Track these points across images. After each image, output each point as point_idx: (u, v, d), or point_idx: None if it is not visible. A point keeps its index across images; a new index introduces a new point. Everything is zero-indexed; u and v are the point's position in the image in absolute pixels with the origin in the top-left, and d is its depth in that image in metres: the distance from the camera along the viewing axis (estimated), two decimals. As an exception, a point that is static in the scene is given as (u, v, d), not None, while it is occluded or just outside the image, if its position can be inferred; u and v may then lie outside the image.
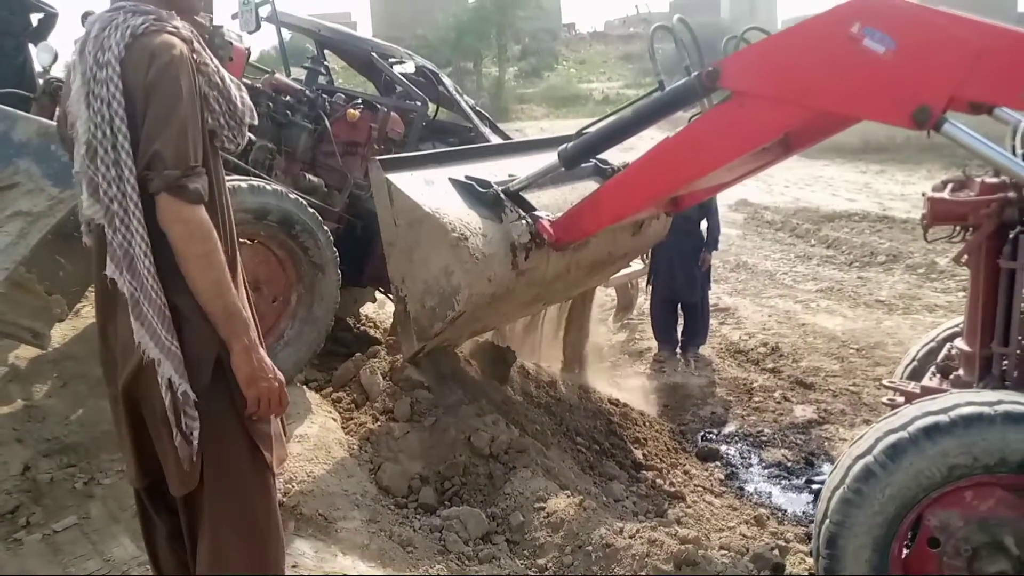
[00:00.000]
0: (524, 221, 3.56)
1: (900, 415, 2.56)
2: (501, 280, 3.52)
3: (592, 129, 3.48)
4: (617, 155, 4.09)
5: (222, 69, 1.94)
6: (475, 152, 4.03)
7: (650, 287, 6.49)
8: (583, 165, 3.85)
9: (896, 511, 2.47)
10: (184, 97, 1.79)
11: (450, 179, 3.60)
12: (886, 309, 7.63)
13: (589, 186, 4.01)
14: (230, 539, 2.00)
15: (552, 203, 3.81)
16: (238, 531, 2.00)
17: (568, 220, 3.55)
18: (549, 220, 3.56)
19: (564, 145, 3.54)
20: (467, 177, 3.63)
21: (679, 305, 6.42)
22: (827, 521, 2.55)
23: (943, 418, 2.42)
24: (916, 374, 3.66)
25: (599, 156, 3.91)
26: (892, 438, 2.47)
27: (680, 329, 6.48)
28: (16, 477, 3.23)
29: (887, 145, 16.97)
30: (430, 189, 3.49)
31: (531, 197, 3.70)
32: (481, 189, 3.58)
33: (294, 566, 2.86)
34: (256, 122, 2.10)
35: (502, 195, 3.57)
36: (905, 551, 2.60)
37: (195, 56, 1.86)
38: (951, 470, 2.42)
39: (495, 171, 3.83)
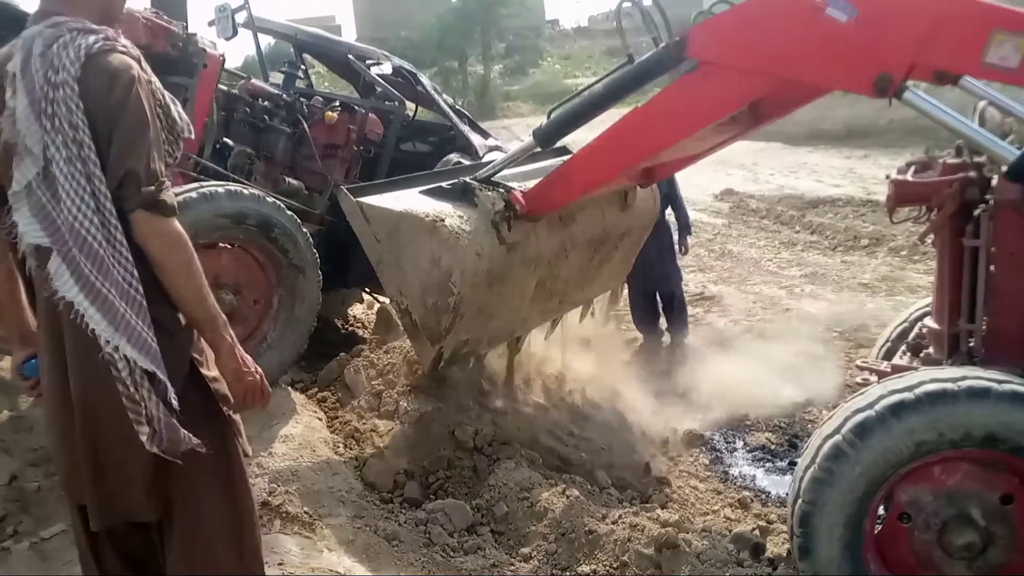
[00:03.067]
0: (497, 191, 3.58)
1: (867, 394, 2.62)
2: (491, 254, 3.50)
3: (564, 107, 3.48)
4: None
5: (160, 85, 1.97)
6: (441, 175, 4.06)
7: (626, 280, 6.50)
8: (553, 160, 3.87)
9: (866, 488, 2.53)
10: (149, 116, 1.84)
11: (419, 191, 3.64)
12: (869, 292, 7.69)
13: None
14: (214, 543, 2.04)
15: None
16: (224, 534, 2.04)
17: (539, 190, 3.56)
18: (521, 192, 3.58)
19: (539, 125, 3.56)
20: (434, 188, 3.67)
21: (658, 296, 6.45)
22: (800, 501, 2.60)
23: (908, 396, 2.48)
24: (890, 354, 3.72)
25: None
26: (859, 417, 2.53)
27: (663, 321, 6.51)
28: (4, 487, 3.25)
29: (870, 130, 17.01)
30: (399, 198, 3.54)
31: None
32: (447, 186, 3.61)
33: (280, 563, 2.90)
34: (192, 136, 2.14)
35: (471, 181, 3.60)
36: (877, 527, 2.66)
37: (145, 74, 1.89)
38: (918, 446, 2.47)
39: None
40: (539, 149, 3.59)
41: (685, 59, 3.05)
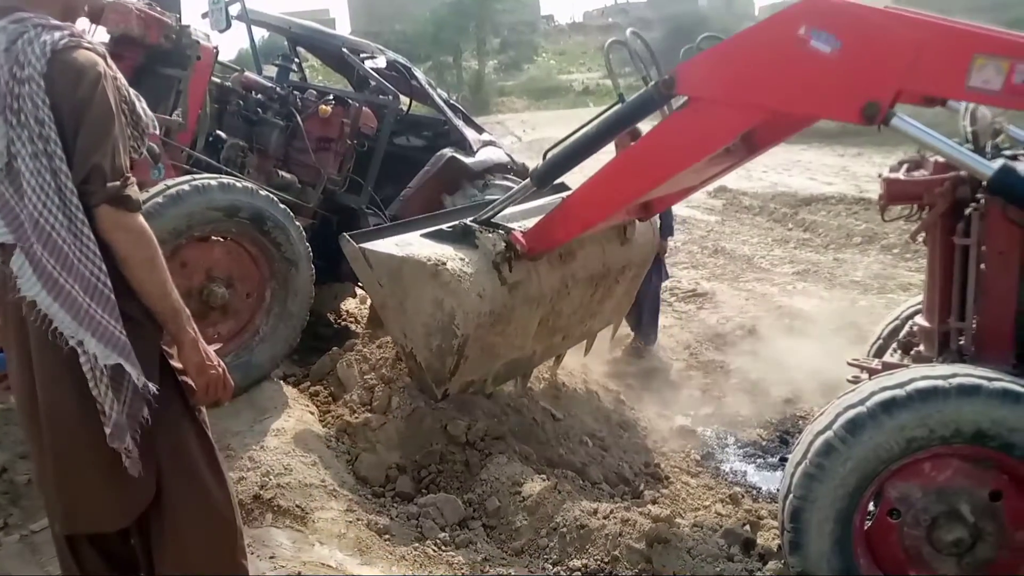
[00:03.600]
0: (497, 232, 3.64)
1: (859, 390, 2.63)
2: (493, 295, 3.55)
3: (559, 148, 3.55)
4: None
5: (124, 81, 1.97)
6: (442, 217, 4.09)
7: None
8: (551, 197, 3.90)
9: (857, 484, 2.54)
10: (115, 113, 1.85)
11: (420, 235, 3.69)
12: (861, 289, 7.72)
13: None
14: (199, 535, 2.05)
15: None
16: (205, 525, 2.06)
17: (539, 229, 3.62)
18: (521, 232, 3.63)
19: (536, 166, 3.61)
20: (435, 231, 3.71)
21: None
22: (791, 496, 2.62)
23: (900, 392, 2.49)
24: (882, 351, 3.73)
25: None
26: (851, 413, 2.54)
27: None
28: (-7, 479, 3.25)
29: (864, 128, 16.96)
30: (402, 242, 3.59)
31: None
32: (448, 229, 3.66)
33: (272, 557, 2.90)
34: (157, 131, 2.14)
35: (471, 224, 3.65)
36: (867, 523, 2.68)
37: (110, 70, 1.90)
38: (909, 443, 2.49)
39: None
40: (536, 189, 3.64)
41: (674, 96, 3.10)
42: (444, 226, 3.69)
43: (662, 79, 3.08)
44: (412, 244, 3.57)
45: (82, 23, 3.95)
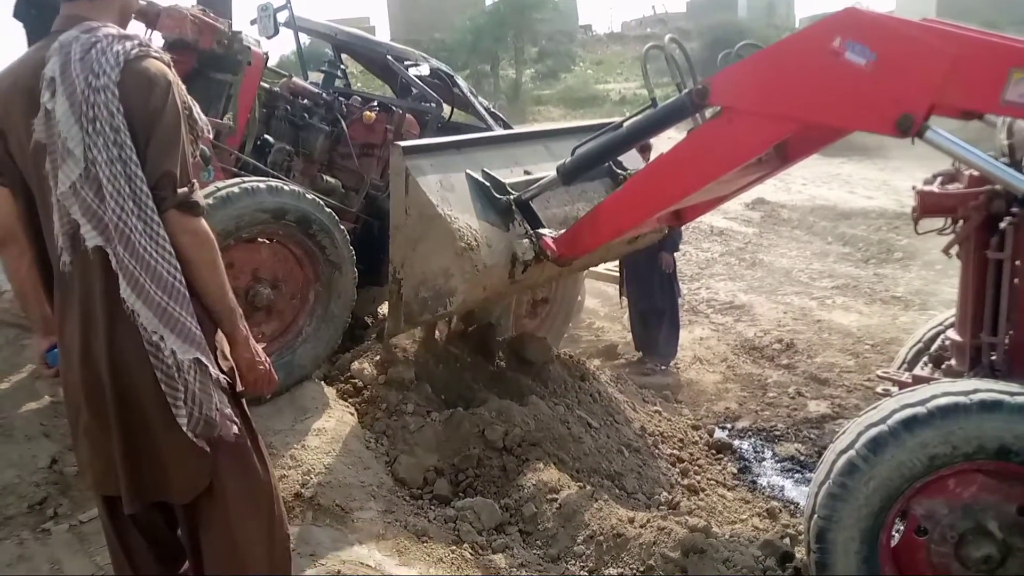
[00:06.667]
0: (528, 240, 3.62)
1: (880, 408, 2.61)
2: (495, 288, 3.64)
3: (587, 146, 3.57)
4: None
5: (183, 88, 2.03)
6: (495, 140, 4.08)
7: (625, 299, 6.47)
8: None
9: (881, 503, 2.53)
10: (182, 121, 1.94)
11: (467, 174, 3.63)
12: (902, 305, 7.62)
13: (597, 189, 4.12)
14: (250, 525, 2.11)
15: (560, 213, 3.91)
16: (254, 518, 2.12)
17: (570, 236, 3.63)
18: (552, 237, 3.63)
19: (563, 161, 3.62)
20: (484, 174, 3.69)
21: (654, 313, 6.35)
22: (815, 516, 2.61)
23: (921, 410, 2.47)
24: (913, 364, 3.68)
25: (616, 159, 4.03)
26: (873, 432, 2.52)
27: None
28: (44, 470, 3.34)
29: (905, 142, 16.78)
30: (447, 186, 3.52)
31: (542, 198, 3.77)
32: (496, 195, 3.65)
33: (312, 555, 2.95)
34: (210, 135, 2.21)
35: (513, 205, 3.65)
36: (894, 541, 2.64)
37: (176, 79, 1.97)
38: (932, 460, 2.46)
39: (513, 165, 3.90)
40: (562, 185, 3.66)
41: (708, 105, 3.10)
42: (491, 186, 3.64)
43: (696, 88, 3.09)
44: (455, 191, 3.51)
45: (139, 28, 4.09)
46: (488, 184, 3.65)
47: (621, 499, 3.80)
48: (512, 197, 3.65)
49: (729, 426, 5.31)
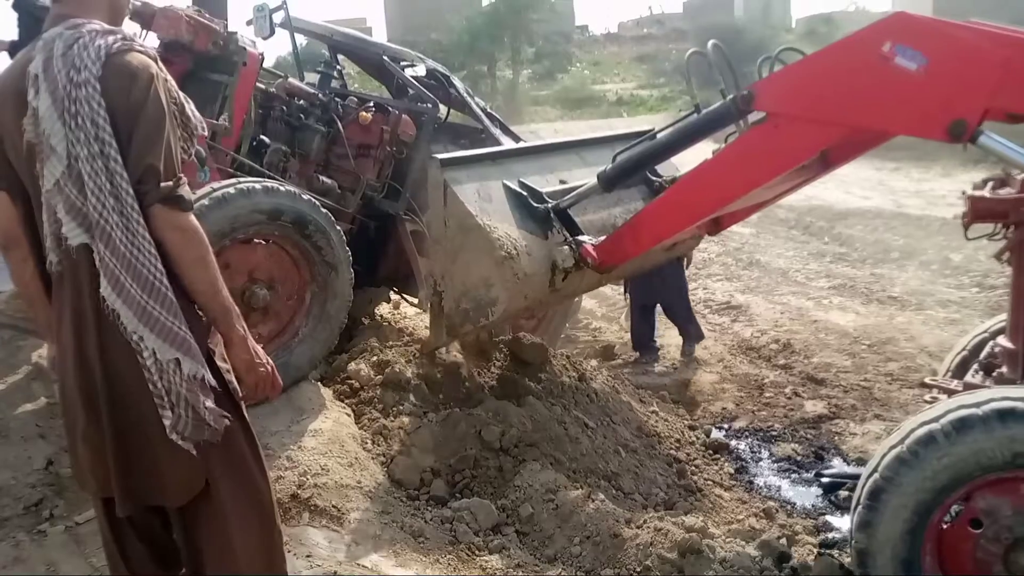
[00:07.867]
0: (569, 247, 3.61)
1: (975, 395, 2.59)
2: (536, 296, 3.65)
3: (628, 152, 3.57)
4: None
5: (174, 83, 2.01)
6: (529, 151, 4.10)
7: (627, 295, 6.51)
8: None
9: (947, 482, 2.50)
10: (167, 114, 1.90)
11: (504, 185, 3.65)
12: (899, 305, 7.62)
13: (634, 196, 4.15)
14: (246, 527, 2.09)
15: (597, 219, 3.91)
16: (250, 519, 2.10)
17: (611, 244, 3.62)
18: (592, 244, 3.62)
19: (603, 168, 3.62)
20: (521, 184, 3.70)
21: (659, 309, 6.40)
22: (875, 474, 2.59)
23: (1020, 405, 2.44)
24: (959, 373, 3.65)
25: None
26: (962, 412, 2.49)
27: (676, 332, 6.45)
28: (40, 471, 3.34)
29: (902, 143, 16.78)
30: (485, 196, 3.54)
31: (579, 205, 3.78)
32: (534, 204, 3.65)
33: (308, 556, 2.94)
34: (205, 133, 2.19)
35: (552, 214, 3.65)
36: (945, 524, 2.61)
37: (162, 72, 1.94)
38: (1015, 457, 2.43)
39: (548, 174, 3.93)
40: (603, 192, 3.67)
41: (752, 111, 3.08)
42: (529, 195, 3.65)
43: (740, 94, 3.07)
44: (493, 201, 3.52)
45: (134, 28, 4.08)
46: (525, 193, 3.66)
47: (618, 499, 3.80)
48: (551, 205, 3.67)
49: (726, 426, 5.31)
